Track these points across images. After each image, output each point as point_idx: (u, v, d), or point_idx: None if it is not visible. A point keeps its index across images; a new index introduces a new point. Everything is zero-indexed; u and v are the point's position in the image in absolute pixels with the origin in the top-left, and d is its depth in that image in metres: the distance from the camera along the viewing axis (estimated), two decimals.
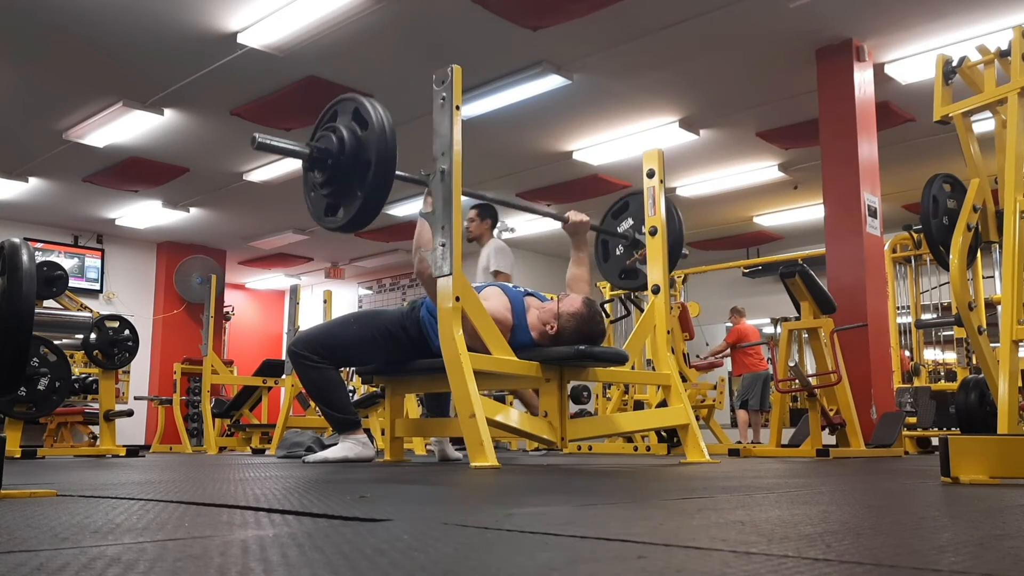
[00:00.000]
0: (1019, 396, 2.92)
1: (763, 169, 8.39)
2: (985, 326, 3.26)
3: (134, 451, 5.26)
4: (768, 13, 5.38)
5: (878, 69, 6.00)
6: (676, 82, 6.45)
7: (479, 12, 5.25)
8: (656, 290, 3.61)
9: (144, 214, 10.12)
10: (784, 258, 8.23)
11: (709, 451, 3.51)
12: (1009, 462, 1.86)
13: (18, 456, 4.62)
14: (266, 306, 14.52)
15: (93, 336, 5.33)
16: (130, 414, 5.80)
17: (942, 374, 7.71)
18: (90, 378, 7.83)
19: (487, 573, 0.68)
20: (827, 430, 4.65)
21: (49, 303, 8.54)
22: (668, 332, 3.62)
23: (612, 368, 3.36)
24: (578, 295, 3.22)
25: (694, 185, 8.80)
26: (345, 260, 12.66)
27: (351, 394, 6.65)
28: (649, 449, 5.83)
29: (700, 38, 5.72)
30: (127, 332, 5.46)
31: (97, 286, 11.11)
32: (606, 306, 7.46)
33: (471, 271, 4.36)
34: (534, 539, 0.89)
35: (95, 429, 7.87)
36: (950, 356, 8.01)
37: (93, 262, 11.14)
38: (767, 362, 8.83)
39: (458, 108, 2.85)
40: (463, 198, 2.86)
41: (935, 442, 6.17)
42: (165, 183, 8.81)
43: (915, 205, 8.62)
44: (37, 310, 2.66)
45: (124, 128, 7.16)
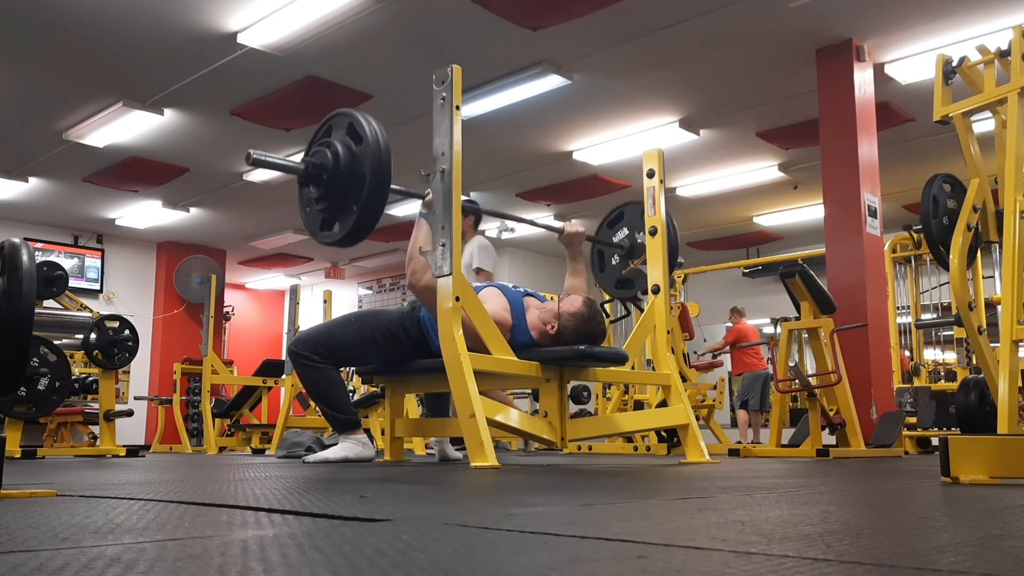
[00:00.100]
0: (1019, 396, 2.92)
1: (763, 169, 8.39)
2: (985, 326, 3.26)
3: (134, 451, 5.26)
4: (768, 13, 5.38)
5: (878, 69, 6.00)
6: (676, 82, 6.45)
7: (479, 12, 5.25)
8: (656, 290, 3.61)
9: (144, 214, 10.12)
10: (784, 258, 8.23)
11: (709, 451, 3.51)
12: (1009, 462, 1.86)
13: (18, 456, 4.62)
14: (266, 306, 14.52)
15: (93, 336, 5.33)
16: (130, 414, 5.80)
17: (942, 374, 7.71)
18: (90, 378, 7.84)
19: (487, 573, 0.68)
20: (827, 430, 4.65)
21: (49, 303, 8.54)
22: (668, 332, 3.62)
23: (612, 368, 3.36)
24: (578, 295, 3.22)
25: (694, 185, 8.80)
26: (345, 260, 12.66)
27: (351, 394, 6.66)
28: (649, 449, 5.83)
29: (700, 38, 5.72)
30: (127, 332, 5.46)
31: (97, 286, 11.12)
32: (606, 306, 7.46)
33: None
34: (534, 539, 0.88)
35: (95, 429, 7.87)
36: (950, 356, 8.01)
37: (93, 262, 11.14)
38: (767, 362, 8.83)
39: (458, 108, 2.86)
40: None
41: (935, 442, 6.17)
42: (165, 183, 8.81)
43: (915, 205, 8.62)
44: (37, 310, 2.66)
45: (124, 128, 7.17)
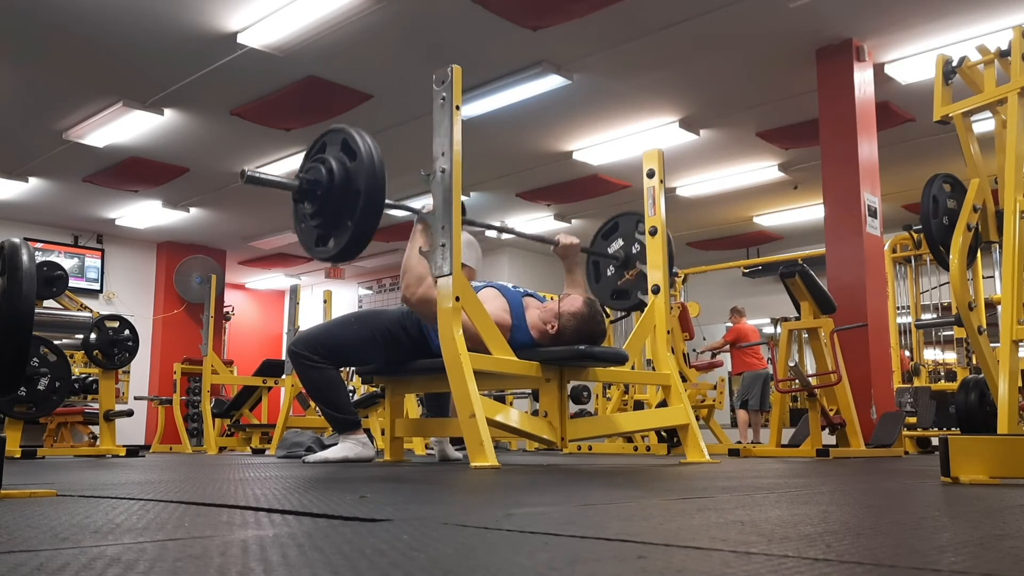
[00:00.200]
0: (1019, 396, 2.92)
1: (763, 169, 8.39)
2: (985, 326, 3.26)
3: (134, 451, 5.26)
4: (768, 13, 5.38)
5: (878, 69, 6.00)
6: (676, 82, 6.45)
7: (479, 12, 5.25)
8: (656, 290, 3.61)
9: (144, 214, 10.12)
10: (784, 258, 8.23)
11: (709, 451, 3.51)
12: (1009, 462, 1.86)
13: (18, 456, 4.62)
14: (266, 306, 14.52)
15: (93, 336, 5.33)
16: (130, 414, 5.80)
17: (942, 374, 7.71)
18: (90, 378, 7.83)
19: (487, 573, 0.68)
20: (827, 430, 4.65)
21: (49, 303, 8.54)
22: (668, 332, 3.62)
23: (612, 368, 3.36)
24: (579, 295, 3.23)
25: (694, 185, 8.80)
26: None
27: (351, 394, 6.66)
28: (649, 449, 5.84)
29: (700, 38, 5.72)
30: (127, 332, 5.45)
31: (97, 286, 11.12)
32: (606, 307, 7.45)
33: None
34: (534, 539, 0.88)
35: (95, 429, 7.87)
36: (950, 356, 8.01)
37: (93, 262, 11.14)
38: (767, 362, 8.83)
39: (458, 108, 2.86)
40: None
41: (935, 442, 6.17)
42: (165, 183, 8.81)
43: (915, 205, 8.62)
44: (37, 310, 2.66)
45: (124, 128, 7.17)
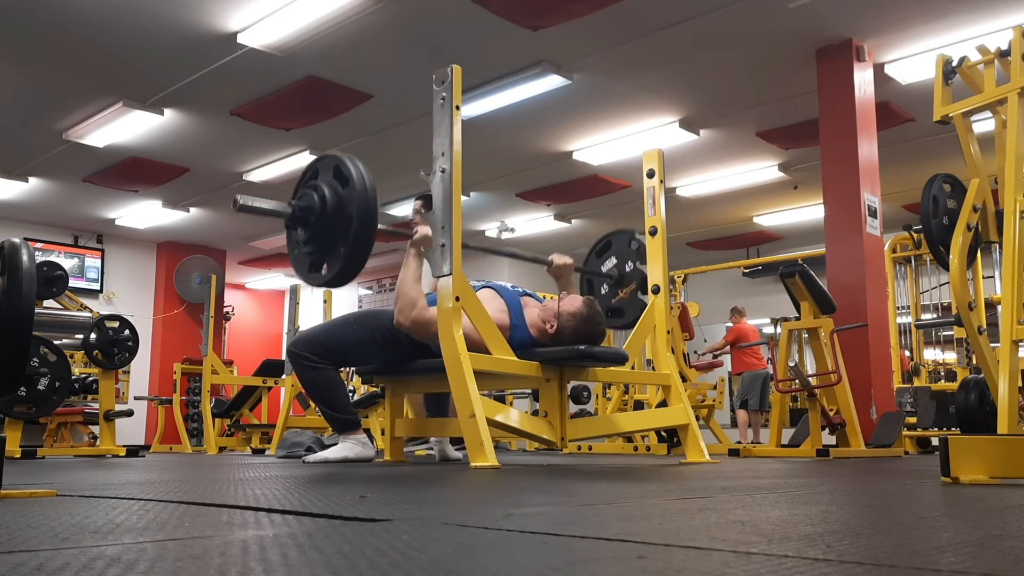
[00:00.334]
0: (1019, 396, 2.92)
1: (763, 169, 8.39)
2: (985, 326, 3.26)
3: (134, 451, 5.26)
4: (768, 13, 5.38)
5: (878, 69, 6.00)
6: (676, 82, 6.45)
7: (479, 12, 5.25)
8: (656, 290, 3.61)
9: (144, 214, 10.12)
10: (784, 258, 8.23)
11: (709, 451, 3.51)
12: (1009, 462, 1.86)
13: (18, 456, 4.62)
14: (266, 306, 14.52)
15: (93, 336, 5.33)
16: (130, 414, 5.80)
17: (942, 374, 7.71)
18: (90, 378, 7.84)
19: (487, 573, 0.68)
20: (827, 430, 4.65)
21: (49, 303, 8.54)
22: (668, 332, 3.62)
23: (612, 368, 3.36)
24: (578, 295, 3.23)
25: (694, 185, 8.80)
26: None
27: (351, 394, 6.66)
28: (649, 449, 5.83)
29: (700, 38, 5.72)
30: (127, 332, 5.45)
31: (97, 286, 11.11)
32: None
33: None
34: (534, 539, 0.89)
35: (95, 429, 7.87)
36: (950, 356, 8.01)
37: (93, 262, 11.14)
38: (767, 362, 8.83)
39: (458, 108, 2.86)
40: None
41: (935, 442, 6.17)
42: (165, 183, 8.81)
43: (915, 205, 8.62)
44: (37, 310, 2.67)
45: (124, 128, 7.16)
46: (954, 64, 3.32)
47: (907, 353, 7.72)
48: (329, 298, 7.00)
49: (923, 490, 1.76)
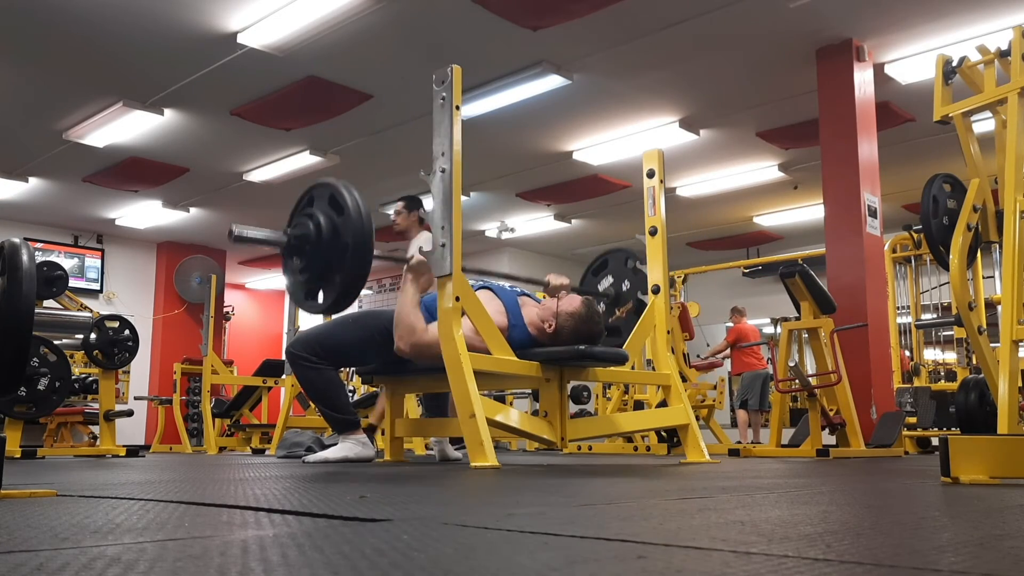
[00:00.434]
0: (1019, 396, 2.92)
1: (763, 169, 8.39)
2: (985, 326, 3.26)
3: (134, 451, 5.26)
4: (768, 13, 5.38)
5: (878, 69, 6.00)
6: (676, 82, 6.45)
7: (479, 12, 5.25)
8: (656, 290, 3.61)
9: (144, 214, 10.12)
10: (784, 258, 8.23)
11: (709, 451, 3.51)
12: (1009, 462, 1.86)
13: (18, 456, 4.62)
14: (266, 306, 14.52)
15: (93, 336, 5.34)
16: (130, 414, 5.80)
17: (942, 374, 7.71)
18: (90, 378, 7.84)
19: (487, 573, 0.68)
20: (827, 430, 4.65)
21: (49, 303, 8.54)
22: (668, 332, 3.62)
23: (612, 368, 3.36)
24: (577, 295, 3.23)
25: (694, 185, 8.80)
26: None
27: (351, 394, 6.66)
28: (649, 449, 5.84)
29: (700, 38, 5.72)
30: (127, 332, 5.46)
31: (97, 286, 11.11)
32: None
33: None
34: (534, 539, 0.89)
35: (95, 429, 7.87)
36: (950, 356, 8.01)
37: (93, 262, 11.14)
38: (767, 362, 8.83)
39: (458, 108, 2.86)
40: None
41: (935, 442, 6.17)
42: (165, 183, 8.81)
43: (915, 205, 8.62)
44: (37, 310, 2.67)
45: (124, 128, 7.16)
46: (954, 64, 3.32)
47: (907, 353, 7.72)
48: None
49: (923, 490, 1.76)
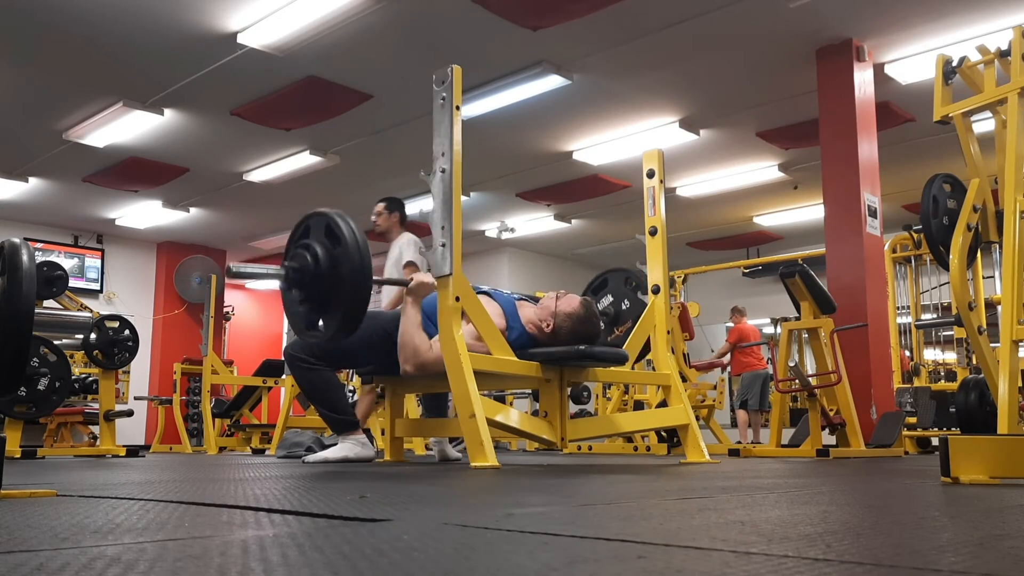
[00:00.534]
0: (1019, 396, 2.92)
1: (763, 169, 8.39)
2: (985, 326, 3.26)
3: (134, 451, 5.26)
4: (768, 13, 5.38)
5: (878, 69, 6.00)
6: (676, 82, 6.45)
7: (479, 12, 5.25)
8: (656, 290, 3.61)
9: (144, 214, 10.12)
10: (784, 258, 8.23)
11: (709, 451, 3.51)
12: (1009, 462, 1.86)
13: (18, 456, 4.62)
14: (266, 306, 14.51)
15: (93, 336, 5.34)
16: (130, 414, 5.80)
17: (942, 374, 7.71)
18: (90, 378, 7.84)
19: (487, 573, 0.68)
20: (827, 430, 4.65)
21: (49, 303, 8.54)
22: (668, 332, 3.62)
23: (612, 368, 3.36)
24: (576, 295, 3.23)
25: (694, 185, 8.80)
26: None
27: (351, 395, 6.65)
28: (649, 449, 5.84)
29: (700, 38, 5.72)
30: (127, 332, 5.46)
31: (97, 286, 11.11)
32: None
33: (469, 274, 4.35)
34: (534, 539, 0.89)
35: (95, 429, 7.87)
36: (950, 356, 8.01)
37: (93, 262, 11.13)
38: (767, 362, 8.83)
39: (458, 108, 2.86)
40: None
41: (935, 442, 6.17)
42: (165, 183, 8.81)
43: (915, 205, 8.62)
44: (37, 310, 2.67)
45: (124, 128, 7.16)
46: (954, 64, 3.32)
47: (907, 353, 7.72)
48: None
49: (923, 490, 1.76)
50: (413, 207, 9.03)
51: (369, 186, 8.27)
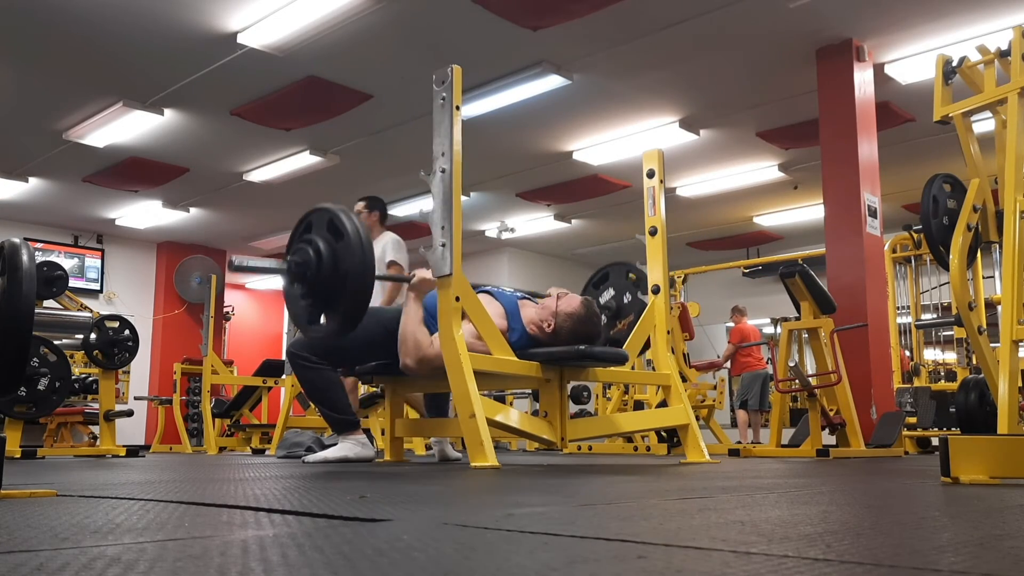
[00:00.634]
0: (1019, 396, 2.92)
1: (763, 169, 8.39)
2: (985, 326, 3.26)
3: (134, 451, 5.26)
4: (768, 13, 5.38)
5: (878, 69, 6.00)
6: (676, 82, 6.45)
7: (479, 12, 5.25)
8: (656, 290, 3.61)
9: (144, 214, 10.12)
10: (784, 258, 8.23)
11: (709, 451, 3.51)
12: (1009, 462, 1.86)
13: (18, 456, 4.62)
14: (266, 306, 14.51)
15: (93, 336, 5.34)
16: (130, 414, 5.80)
17: (942, 374, 7.71)
18: (90, 378, 7.84)
19: (487, 573, 0.68)
20: (827, 430, 4.65)
21: (49, 303, 8.54)
22: (668, 332, 3.62)
23: (612, 368, 3.36)
24: (577, 295, 3.23)
25: (694, 185, 8.80)
26: None
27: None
28: (649, 449, 5.84)
29: (700, 38, 5.72)
30: (127, 332, 5.46)
31: (97, 286, 11.11)
32: None
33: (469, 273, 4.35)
34: (534, 539, 0.89)
35: (95, 429, 7.87)
36: (950, 356, 8.01)
37: (93, 262, 11.13)
38: (767, 362, 8.83)
39: (458, 108, 2.86)
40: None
41: (935, 442, 6.17)
42: (165, 183, 8.81)
43: (915, 205, 8.62)
44: (37, 310, 2.67)
45: (124, 128, 7.16)
46: (954, 64, 3.32)
47: (907, 353, 7.72)
48: None
49: (923, 490, 1.76)
50: (413, 207, 9.11)
51: (369, 186, 8.25)
